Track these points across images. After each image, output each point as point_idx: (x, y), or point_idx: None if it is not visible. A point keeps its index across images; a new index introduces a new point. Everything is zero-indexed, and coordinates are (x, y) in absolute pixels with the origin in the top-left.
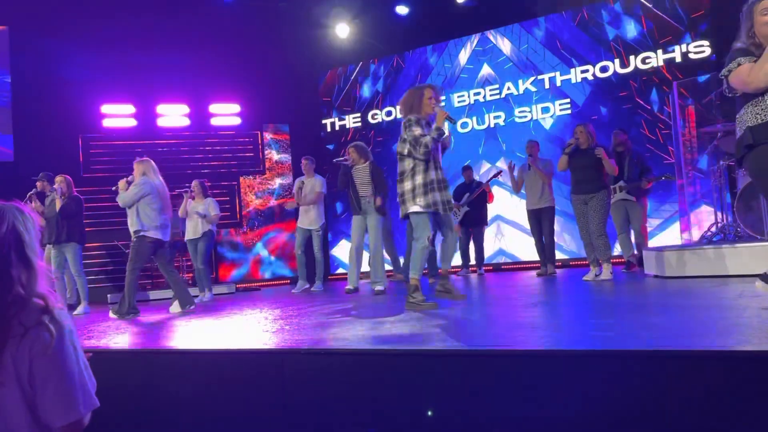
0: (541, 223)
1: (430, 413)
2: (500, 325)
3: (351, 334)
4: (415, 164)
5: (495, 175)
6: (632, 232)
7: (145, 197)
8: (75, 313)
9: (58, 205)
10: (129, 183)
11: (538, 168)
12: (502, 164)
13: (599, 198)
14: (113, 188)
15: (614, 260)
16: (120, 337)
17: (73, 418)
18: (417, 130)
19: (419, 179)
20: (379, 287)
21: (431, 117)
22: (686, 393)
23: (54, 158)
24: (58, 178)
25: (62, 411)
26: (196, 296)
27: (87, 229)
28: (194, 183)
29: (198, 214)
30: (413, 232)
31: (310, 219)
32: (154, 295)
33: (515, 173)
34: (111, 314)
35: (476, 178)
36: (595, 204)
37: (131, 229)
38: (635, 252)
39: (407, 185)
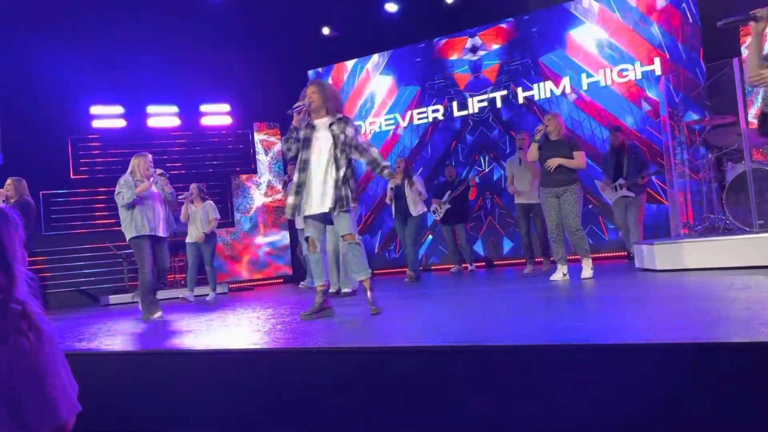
0: (530, 218)
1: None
2: (494, 321)
3: (345, 331)
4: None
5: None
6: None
7: None
8: None
9: None
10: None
11: (528, 162)
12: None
13: (572, 191)
14: (164, 187)
15: (618, 253)
16: (111, 339)
17: (55, 423)
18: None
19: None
20: (346, 289)
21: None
22: (674, 385)
23: (43, 160)
24: (8, 181)
25: (44, 416)
26: (182, 296)
27: (77, 232)
28: (192, 186)
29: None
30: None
31: None
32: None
33: (505, 168)
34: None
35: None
36: (569, 197)
37: (171, 228)
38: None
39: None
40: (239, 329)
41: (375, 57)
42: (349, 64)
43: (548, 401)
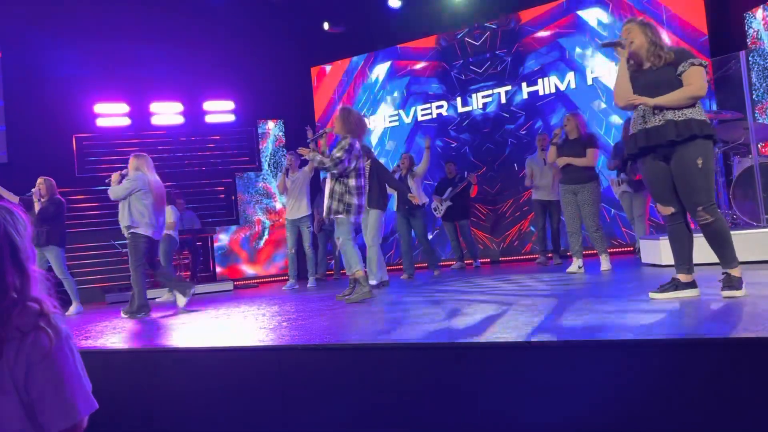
0: (547, 214)
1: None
2: (493, 318)
3: (350, 328)
4: None
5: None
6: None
7: (137, 192)
8: (67, 313)
9: (36, 207)
10: (123, 176)
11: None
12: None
13: (590, 189)
14: (106, 181)
15: (628, 248)
16: (116, 337)
17: (73, 420)
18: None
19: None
20: (372, 281)
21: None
22: (669, 381)
23: (48, 158)
24: (39, 180)
25: (62, 414)
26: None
27: (82, 230)
28: None
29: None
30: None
31: (301, 211)
32: (153, 293)
33: (526, 165)
34: (122, 314)
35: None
36: (587, 196)
37: (122, 225)
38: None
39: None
40: (243, 326)
41: (377, 53)
42: (352, 59)
43: (544, 397)
